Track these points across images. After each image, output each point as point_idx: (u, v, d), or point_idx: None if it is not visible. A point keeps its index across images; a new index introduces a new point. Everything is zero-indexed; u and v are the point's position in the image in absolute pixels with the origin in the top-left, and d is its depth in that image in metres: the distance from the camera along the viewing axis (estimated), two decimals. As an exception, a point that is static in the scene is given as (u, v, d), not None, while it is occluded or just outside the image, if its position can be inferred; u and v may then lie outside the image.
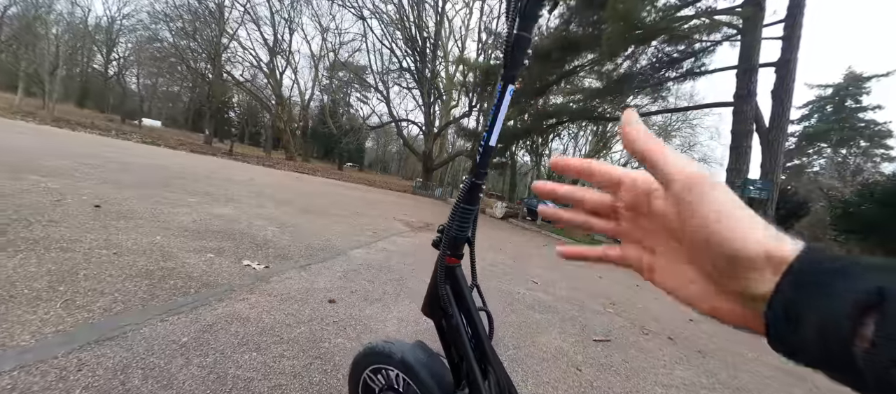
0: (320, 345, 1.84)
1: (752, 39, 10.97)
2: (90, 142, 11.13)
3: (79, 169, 5.37)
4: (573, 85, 17.27)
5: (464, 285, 0.93)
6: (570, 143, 35.64)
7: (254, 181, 9.13)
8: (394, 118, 28.64)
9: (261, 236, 3.68)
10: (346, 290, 2.74)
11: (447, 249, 0.88)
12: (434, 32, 25.54)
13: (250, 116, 41.21)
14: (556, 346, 2.60)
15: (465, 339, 0.90)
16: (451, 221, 0.85)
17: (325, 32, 28.92)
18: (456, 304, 0.91)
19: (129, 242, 2.69)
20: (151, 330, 1.63)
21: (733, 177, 11.52)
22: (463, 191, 0.84)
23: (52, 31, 27.57)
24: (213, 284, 2.30)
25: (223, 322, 1.84)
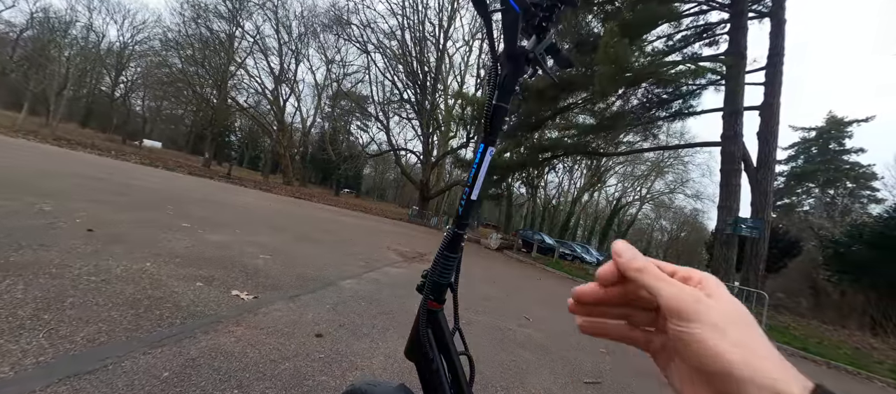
0: (304, 383, 1.81)
1: (736, 85, 11.54)
2: (86, 162, 11.18)
3: (70, 190, 5.38)
4: (567, 120, 17.86)
5: (445, 330, 0.96)
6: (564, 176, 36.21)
7: (249, 206, 9.14)
8: (393, 147, 29.17)
9: (252, 265, 3.67)
10: (335, 323, 2.72)
11: (429, 295, 0.92)
12: (435, 67, 26.62)
13: (251, 140, 41.75)
14: (546, 387, 2.56)
15: (445, 384, 0.92)
16: (434, 267, 0.90)
17: (330, 64, 30.07)
18: (437, 348, 0.94)
19: (118, 269, 2.68)
20: (133, 363, 1.61)
21: (725, 214, 11.70)
22: (445, 240, 0.89)
23: (65, 54, 28.43)
24: (199, 314, 2.28)
25: (207, 356, 1.82)
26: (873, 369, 6.85)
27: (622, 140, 19.77)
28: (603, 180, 34.21)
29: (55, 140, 18.30)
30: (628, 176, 37.52)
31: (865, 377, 6.65)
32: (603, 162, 29.83)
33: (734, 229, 10.97)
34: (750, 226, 10.85)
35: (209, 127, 28.61)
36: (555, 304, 6.07)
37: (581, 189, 36.87)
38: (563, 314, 5.27)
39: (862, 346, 8.41)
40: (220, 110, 27.82)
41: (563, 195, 40.05)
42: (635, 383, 3.11)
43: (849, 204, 25.70)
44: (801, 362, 6.68)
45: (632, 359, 3.81)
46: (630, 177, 37.50)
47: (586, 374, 3.01)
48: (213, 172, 23.20)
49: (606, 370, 3.23)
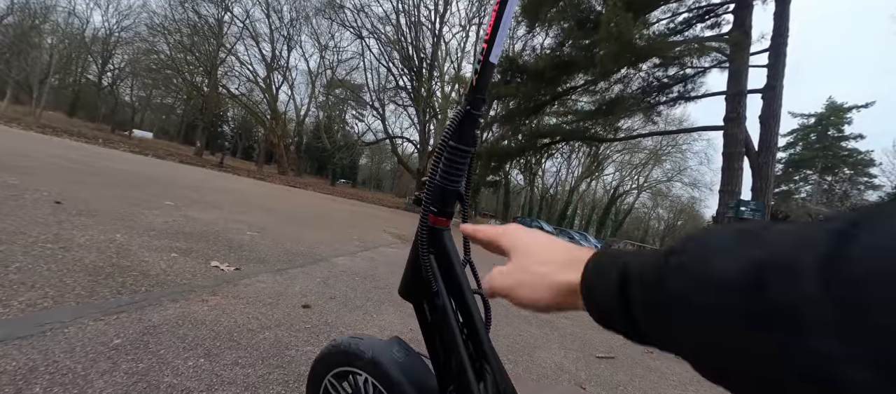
0: (285, 353, 1.57)
1: (740, 64, 11.30)
2: (70, 147, 10.77)
3: (46, 168, 5.07)
4: (566, 106, 17.57)
5: (454, 257, 0.71)
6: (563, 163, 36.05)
7: (241, 191, 8.83)
8: (389, 135, 28.71)
9: (237, 240, 3.41)
10: (325, 295, 2.47)
11: (431, 205, 0.67)
12: (431, 53, 26.06)
13: (244, 129, 41.05)
14: (557, 362, 2.34)
15: (455, 328, 0.67)
16: (435, 166, 0.65)
17: (324, 50, 29.34)
18: (443, 280, 0.70)
19: (82, 239, 2.41)
20: (79, 330, 1.36)
21: (727, 198, 11.56)
22: (452, 125, 0.63)
23: (47, 41, 27.51)
24: (169, 283, 2.02)
25: (171, 324, 1.57)
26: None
27: (621, 126, 19.54)
28: (601, 168, 34.07)
29: (40, 128, 17.73)
30: (626, 164, 37.46)
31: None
32: (601, 149, 29.65)
33: (736, 213, 10.83)
34: (752, 209, 10.71)
35: (200, 116, 27.98)
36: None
37: (579, 177, 36.76)
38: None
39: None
40: (211, 98, 27.16)
41: (561, 184, 39.97)
42: (648, 358, 2.92)
43: (847, 190, 25.79)
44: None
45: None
46: (628, 165, 37.45)
47: (598, 349, 2.80)
48: (205, 161, 22.71)
49: (618, 345, 3.03)
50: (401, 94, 28.10)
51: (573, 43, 12.10)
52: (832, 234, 0.15)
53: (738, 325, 0.16)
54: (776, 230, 0.17)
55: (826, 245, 0.14)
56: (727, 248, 0.17)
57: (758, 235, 0.17)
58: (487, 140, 19.36)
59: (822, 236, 0.15)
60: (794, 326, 0.14)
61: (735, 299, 0.16)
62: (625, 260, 0.23)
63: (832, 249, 0.14)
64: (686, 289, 0.18)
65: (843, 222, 0.15)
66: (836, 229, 0.15)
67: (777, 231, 0.17)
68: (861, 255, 0.13)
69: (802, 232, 0.16)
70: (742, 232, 0.18)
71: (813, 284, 0.14)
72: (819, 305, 0.14)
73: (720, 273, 0.17)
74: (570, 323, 3.40)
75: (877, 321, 0.12)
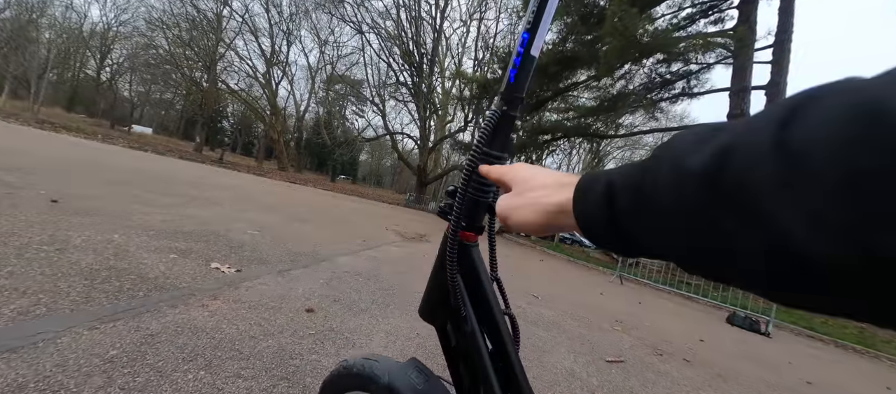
0: (289, 362, 1.51)
1: (745, 61, 11.18)
2: (69, 143, 10.68)
3: (44, 166, 4.99)
4: (568, 103, 17.45)
5: (483, 275, 0.64)
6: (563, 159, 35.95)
7: (241, 188, 8.76)
8: (389, 131, 28.54)
9: (238, 239, 3.34)
10: (328, 298, 2.41)
11: (462, 220, 0.59)
12: (431, 49, 25.83)
13: (244, 125, 40.84)
14: (567, 367, 2.28)
15: (485, 354, 0.60)
16: (468, 177, 0.57)
17: (324, 45, 29.10)
18: (471, 301, 0.63)
19: (78, 240, 2.34)
20: (72, 340, 1.29)
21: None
22: (487, 129, 0.56)
23: (45, 36, 27.26)
24: (168, 287, 1.96)
25: (170, 332, 1.50)
26: (880, 348, 6.76)
27: (623, 123, 19.41)
28: (602, 164, 33.98)
29: (38, 123, 17.61)
30: (627, 160, 37.34)
31: (873, 356, 6.55)
32: (602, 146, 29.53)
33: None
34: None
35: (200, 111, 27.81)
36: (560, 284, 5.83)
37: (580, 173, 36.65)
38: (571, 294, 5.04)
39: (867, 325, 8.33)
40: (211, 94, 26.98)
41: (562, 181, 39.91)
42: (658, 362, 2.86)
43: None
44: (809, 340, 6.55)
45: (651, 338, 3.57)
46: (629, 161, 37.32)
47: (607, 352, 2.74)
48: (204, 157, 22.59)
49: (626, 348, 2.98)
50: (401, 89, 27.92)
51: (576, 38, 11.97)
52: (777, 117, 0.16)
53: (706, 206, 0.18)
54: (733, 122, 0.19)
55: (776, 123, 0.16)
56: (692, 143, 0.19)
57: (718, 128, 0.19)
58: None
59: (770, 119, 0.17)
60: (751, 197, 0.16)
61: (703, 183, 0.18)
62: (610, 176, 0.25)
63: (780, 126, 0.16)
64: (661, 188, 0.20)
65: (785, 107, 0.17)
66: (780, 113, 0.16)
67: (733, 123, 0.19)
68: (802, 129, 0.15)
69: (752, 119, 0.18)
70: (704, 129, 0.20)
71: (766, 159, 0.15)
72: (772, 175, 0.15)
73: (688, 165, 0.18)
74: (576, 325, 3.34)
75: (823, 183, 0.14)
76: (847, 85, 0.15)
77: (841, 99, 0.15)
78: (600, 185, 0.25)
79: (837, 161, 0.13)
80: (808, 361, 4.62)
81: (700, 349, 3.59)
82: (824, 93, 0.15)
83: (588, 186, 0.27)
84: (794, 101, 0.16)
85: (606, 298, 5.39)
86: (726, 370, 3.06)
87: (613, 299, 5.34)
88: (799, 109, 0.16)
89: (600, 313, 4.15)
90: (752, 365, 3.50)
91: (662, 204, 0.20)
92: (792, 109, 0.16)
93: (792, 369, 3.82)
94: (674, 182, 0.19)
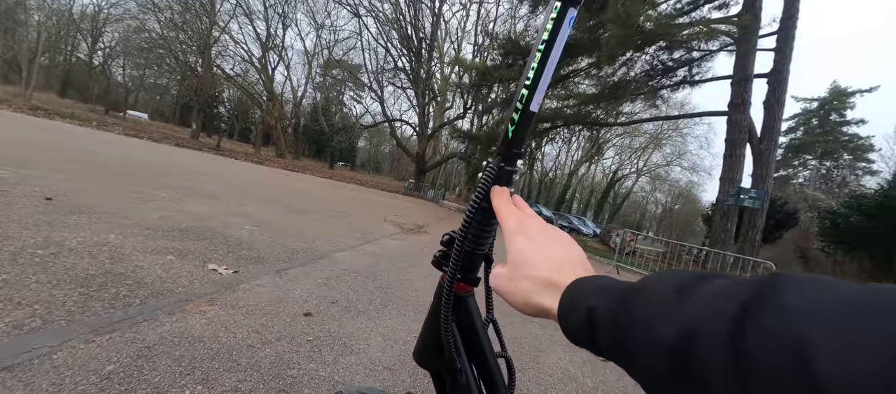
0: (287, 373, 1.52)
1: (748, 48, 11.00)
2: (64, 131, 10.54)
3: (38, 158, 4.92)
4: (568, 90, 17.22)
5: (478, 323, 0.63)
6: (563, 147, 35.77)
7: (238, 178, 8.71)
8: (387, 118, 28.25)
9: (235, 237, 3.33)
10: (327, 300, 2.42)
11: (457, 272, 0.58)
12: (430, 33, 25.30)
13: (240, 111, 40.34)
14: (563, 367, 2.32)
15: (477, 400, 0.60)
16: (465, 230, 0.55)
17: (320, 29, 28.46)
18: (466, 350, 0.62)
19: (74, 242, 2.33)
20: (69, 356, 1.30)
21: (727, 185, 11.50)
22: (485, 184, 0.54)
23: (34, 18, 26.53)
24: (166, 292, 1.96)
25: (167, 344, 1.51)
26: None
27: (623, 110, 19.22)
28: (601, 152, 33.85)
29: (31, 109, 17.34)
30: (626, 148, 37.20)
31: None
32: (602, 134, 29.35)
33: (736, 200, 10.80)
34: (752, 197, 10.67)
35: (195, 97, 27.39)
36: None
37: (578, 161, 36.58)
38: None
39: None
40: (206, 79, 26.53)
41: (560, 168, 39.81)
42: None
43: (846, 175, 25.76)
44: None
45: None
46: (628, 149, 37.21)
47: (602, 350, 2.79)
48: (201, 143, 22.38)
49: (621, 346, 3.02)
50: (399, 75, 27.51)
51: (578, 24, 11.70)
52: (737, 306, 0.18)
53: (666, 374, 0.20)
54: (700, 295, 0.21)
55: (734, 315, 0.17)
56: (665, 308, 0.22)
57: (684, 301, 0.21)
58: (488, 124, 19.07)
59: (730, 307, 0.18)
60: (709, 380, 0.18)
61: (665, 357, 0.20)
62: (591, 303, 0.27)
63: (738, 320, 0.17)
64: (634, 343, 0.23)
65: (749, 293, 0.18)
66: (739, 301, 0.18)
67: (699, 297, 0.20)
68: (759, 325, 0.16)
69: (716, 302, 0.19)
70: (671, 293, 0.22)
71: (723, 348, 0.17)
72: (725, 367, 0.17)
73: (659, 337, 0.21)
74: (573, 321, 3.38)
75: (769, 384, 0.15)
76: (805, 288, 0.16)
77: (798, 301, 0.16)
78: (582, 309, 0.27)
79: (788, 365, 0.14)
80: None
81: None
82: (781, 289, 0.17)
83: (571, 307, 0.29)
84: (752, 295, 0.18)
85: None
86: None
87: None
88: (754, 307, 0.17)
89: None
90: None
91: (634, 355, 0.23)
92: (747, 305, 0.17)
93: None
94: (644, 346, 0.22)
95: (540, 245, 0.37)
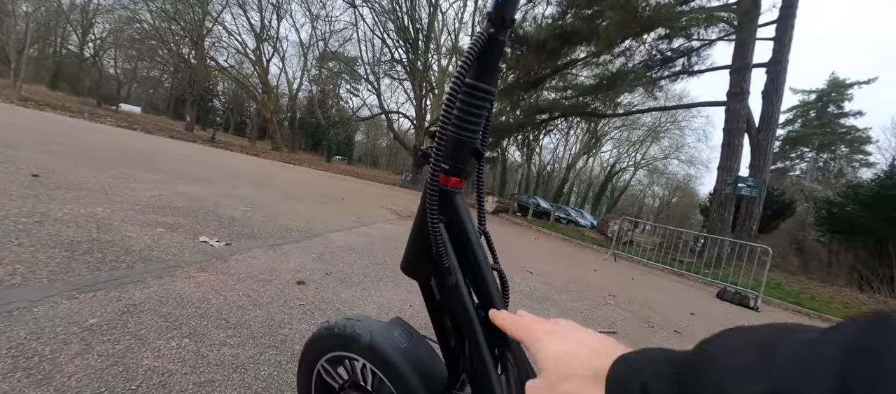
0: (278, 331, 1.48)
1: (747, 37, 10.95)
2: (55, 121, 10.37)
3: (26, 141, 4.83)
4: (566, 81, 17.12)
5: (469, 226, 0.59)
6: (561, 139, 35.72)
7: (233, 167, 8.62)
8: (384, 110, 28.03)
9: (228, 215, 3.28)
10: (321, 271, 2.38)
11: (442, 161, 0.53)
12: (427, 24, 25.02)
13: (236, 104, 39.93)
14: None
15: (471, 308, 0.56)
16: (448, 112, 0.50)
17: (316, 20, 28.06)
18: (456, 254, 0.58)
19: (60, 212, 2.27)
20: (49, 309, 1.25)
21: (724, 175, 11.52)
22: (470, 56, 0.48)
23: (22, 8, 25.98)
24: (153, 259, 1.91)
25: (154, 302, 1.46)
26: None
27: (621, 102, 19.16)
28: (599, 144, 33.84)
29: (21, 101, 17.05)
30: (624, 141, 37.21)
31: (857, 329, 6.75)
32: (600, 126, 29.31)
33: (734, 189, 10.82)
34: (750, 185, 10.69)
35: (189, 89, 27.03)
36: (555, 260, 5.87)
37: (576, 154, 36.56)
38: (565, 270, 5.08)
39: (851, 301, 8.57)
40: (199, 71, 26.17)
41: (558, 160, 39.80)
42: (649, 332, 2.90)
43: (843, 167, 25.91)
44: (795, 314, 6.71)
45: (643, 311, 3.62)
46: (626, 142, 37.21)
47: (599, 324, 2.77)
48: (196, 136, 22.13)
49: (618, 321, 3.01)
50: (396, 67, 27.22)
51: (576, 12, 11.59)
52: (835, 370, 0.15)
53: None
54: (783, 355, 0.17)
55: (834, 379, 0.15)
56: (741, 371, 0.18)
57: (766, 362, 0.17)
58: (485, 115, 19.00)
59: (827, 371, 0.15)
60: None
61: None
62: (643, 378, 0.23)
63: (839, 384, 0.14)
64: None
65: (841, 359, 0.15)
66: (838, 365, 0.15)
67: (784, 357, 0.17)
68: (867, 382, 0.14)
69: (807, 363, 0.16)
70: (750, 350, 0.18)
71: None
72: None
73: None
74: (569, 299, 3.37)
75: None
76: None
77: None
78: (635, 388, 0.23)
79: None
80: (794, 333, 4.74)
81: (691, 322, 3.66)
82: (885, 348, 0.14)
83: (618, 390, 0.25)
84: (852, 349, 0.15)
85: (600, 274, 5.44)
86: (715, 341, 3.11)
87: (607, 276, 5.40)
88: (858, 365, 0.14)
89: (594, 287, 4.19)
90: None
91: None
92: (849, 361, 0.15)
93: (778, 341, 3.91)
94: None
95: (567, 345, 0.31)
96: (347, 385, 0.76)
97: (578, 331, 0.32)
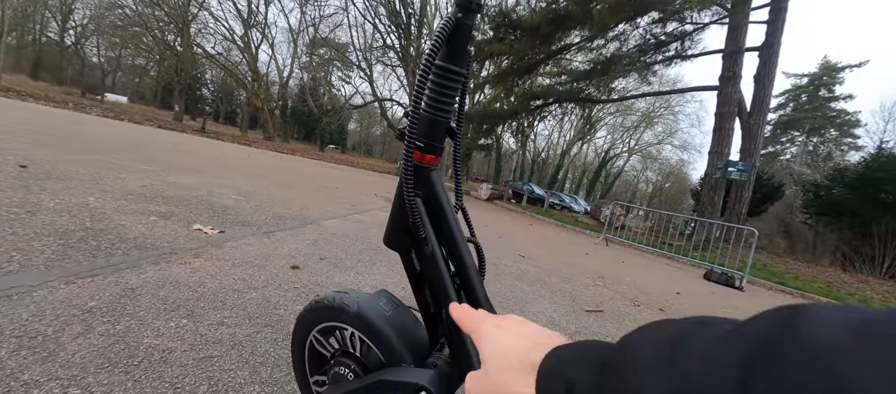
0: (274, 312, 1.53)
1: (740, 20, 10.94)
2: (39, 112, 10.13)
3: (10, 132, 4.74)
4: (560, 66, 17.03)
5: (444, 201, 0.64)
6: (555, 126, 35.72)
7: (224, 156, 8.54)
8: (377, 98, 27.73)
9: (221, 204, 3.29)
10: (315, 257, 2.43)
11: (416, 140, 0.57)
12: (419, 8, 24.54)
13: (225, 93, 39.16)
14: (547, 315, 2.39)
15: (447, 277, 0.61)
16: (419, 92, 0.54)
17: (305, 4, 27.35)
18: (434, 227, 0.63)
19: (51, 203, 2.27)
20: (49, 293, 1.28)
21: (716, 158, 11.67)
22: (439, 39, 0.52)
23: (-4, -7, 24.93)
24: (148, 246, 1.94)
25: (151, 286, 1.50)
26: (845, 300, 7.22)
27: (615, 87, 19.14)
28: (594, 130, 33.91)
29: (2, 91, 16.56)
30: (618, 127, 37.32)
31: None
32: (594, 112, 29.31)
33: (724, 173, 10.99)
34: (740, 169, 10.87)
35: (176, 78, 26.41)
36: (547, 245, 5.98)
37: (571, 140, 36.63)
38: (557, 254, 5.18)
39: (834, 280, 8.86)
40: (186, 58, 25.52)
41: (553, 147, 39.87)
42: (635, 311, 3.01)
43: (831, 150, 26.32)
44: (780, 295, 6.95)
45: (631, 292, 3.74)
46: (620, 128, 37.33)
47: (586, 303, 2.87)
48: (185, 126, 21.75)
49: (606, 300, 3.12)
50: (389, 53, 26.80)
51: (570, -4, 11.46)
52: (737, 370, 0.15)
53: None
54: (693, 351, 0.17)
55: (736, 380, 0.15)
56: (651, 367, 0.18)
57: (674, 360, 0.18)
58: (479, 102, 18.86)
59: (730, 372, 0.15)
60: None
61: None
62: (570, 375, 0.23)
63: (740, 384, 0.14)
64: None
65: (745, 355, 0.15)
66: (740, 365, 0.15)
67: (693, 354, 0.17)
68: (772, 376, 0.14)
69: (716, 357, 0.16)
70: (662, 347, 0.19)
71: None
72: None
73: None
74: (559, 281, 3.47)
75: None
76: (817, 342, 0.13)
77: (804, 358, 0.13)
78: (561, 383, 0.24)
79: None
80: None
81: (676, 301, 3.79)
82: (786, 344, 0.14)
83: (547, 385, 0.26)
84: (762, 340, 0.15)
85: (591, 258, 5.57)
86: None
87: (598, 259, 5.53)
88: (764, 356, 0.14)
89: (584, 270, 4.30)
90: (723, 312, 3.68)
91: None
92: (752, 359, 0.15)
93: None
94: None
95: (506, 337, 0.32)
96: (339, 353, 0.81)
97: (525, 325, 0.33)
